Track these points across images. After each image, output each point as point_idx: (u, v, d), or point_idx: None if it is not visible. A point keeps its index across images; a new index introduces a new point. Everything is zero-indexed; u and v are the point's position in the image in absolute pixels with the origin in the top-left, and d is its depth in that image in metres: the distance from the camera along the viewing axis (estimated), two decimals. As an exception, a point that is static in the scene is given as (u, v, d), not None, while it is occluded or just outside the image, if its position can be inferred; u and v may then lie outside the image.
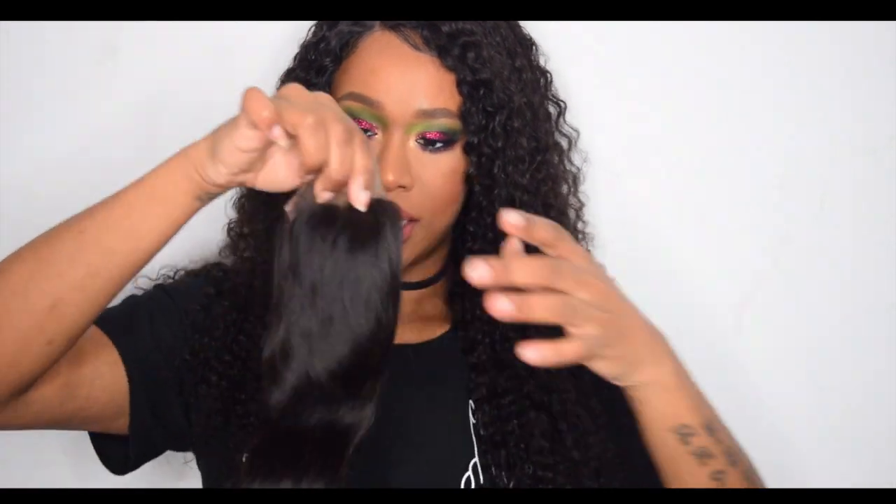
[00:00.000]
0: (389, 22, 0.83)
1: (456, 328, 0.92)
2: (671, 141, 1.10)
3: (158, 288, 0.94)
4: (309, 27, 0.90)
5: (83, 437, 0.91)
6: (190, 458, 0.96)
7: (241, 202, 0.97)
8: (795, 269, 1.12)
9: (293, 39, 0.93)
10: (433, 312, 0.94)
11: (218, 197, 0.74)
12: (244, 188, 0.95)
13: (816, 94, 1.09)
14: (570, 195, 0.98)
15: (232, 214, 1.00)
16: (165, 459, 0.99)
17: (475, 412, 0.88)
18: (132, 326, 0.87)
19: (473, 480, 0.86)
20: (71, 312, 0.72)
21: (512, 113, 0.83)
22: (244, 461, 0.71)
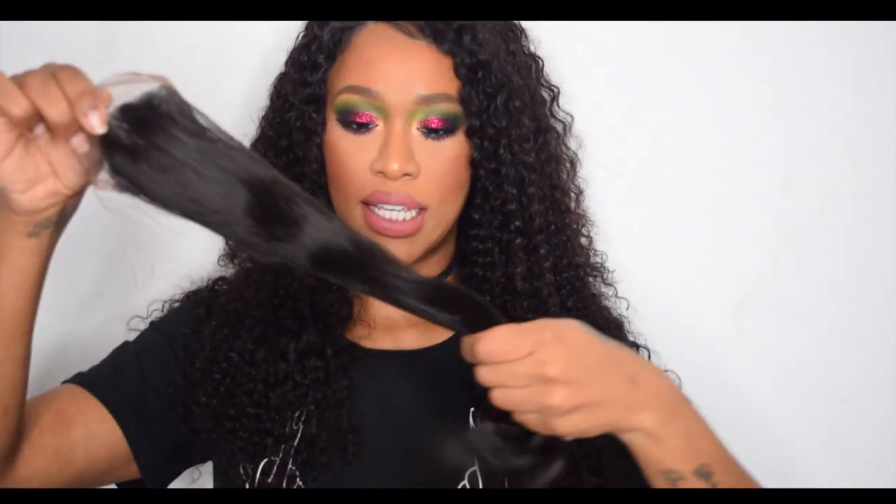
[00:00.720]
0: None
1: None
2: (671, 141, 1.10)
3: (149, 326, 0.95)
4: (297, 34, 0.90)
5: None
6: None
7: None
8: (795, 269, 1.11)
9: (290, 37, 0.93)
10: None
11: (61, 223, 0.68)
12: None
13: (817, 94, 1.09)
14: (569, 180, 0.98)
15: None
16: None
17: (475, 416, 0.87)
18: (118, 374, 0.88)
19: (470, 488, 0.85)
20: None
21: (512, 92, 0.83)
22: None
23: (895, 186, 1.10)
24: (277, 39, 0.99)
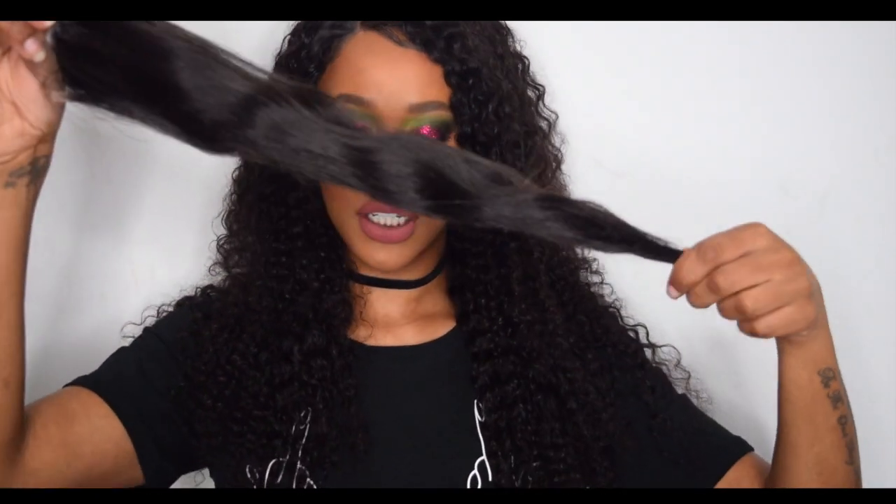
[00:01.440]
0: (370, 22, 0.82)
1: (460, 322, 0.92)
2: (671, 141, 1.10)
3: (145, 331, 0.95)
4: (283, 38, 0.90)
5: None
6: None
7: (229, 218, 0.98)
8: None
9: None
10: (434, 310, 0.94)
11: (35, 174, 0.68)
12: (231, 201, 0.96)
13: (817, 94, 1.09)
14: (552, 178, 0.99)
15: (220, 231, 1.00)
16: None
17: (480, 408, 0.88)
18: (120, 375, 0.89)
19: (480, 479, 0.86)
20: None
21: (502, 99, 0.84)
22: None
23: (895, 186, 1.10)
24: (275, 39, 0.99)
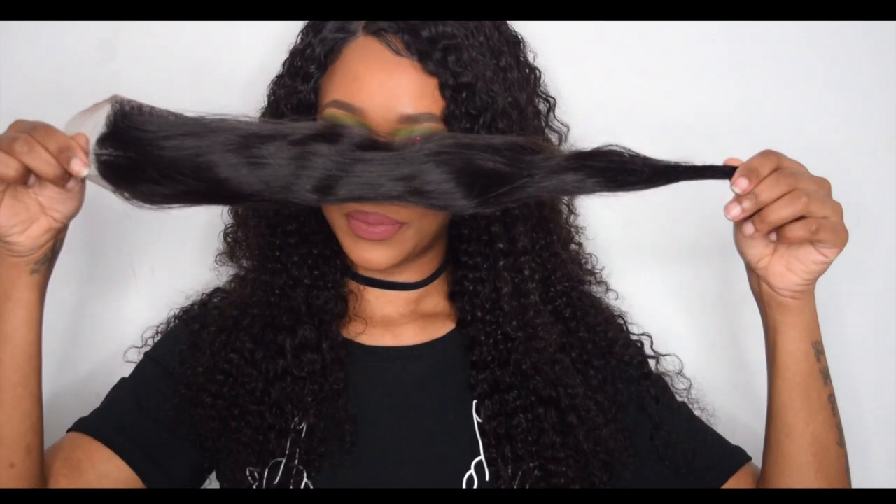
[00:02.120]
0: (372, 27, 0.82)
1: (460, 326, 0.93)
2: (670, 140, 1.10)
3: (145, 357, 0.96)
4: (298, 33, 0.90)
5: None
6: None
7: (232, 209, 0.98)
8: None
9: (290, 37, 0.93)
10: (434, 311, 0.94)
11: (54, 256, 0.79)
12: None
13: (816, 94, 1.09)
14: None
15: (228, 220, 1.01)
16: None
17: (479, 410, 0.88)
18: (119, 414, 0.90)
19: (476, 479, 0.86)
20: (6, 430, 0.78)
21: (496, 115, 0.83)
22: None
23: (895, 186, 1.10)
24: (276, 40, 0.99)
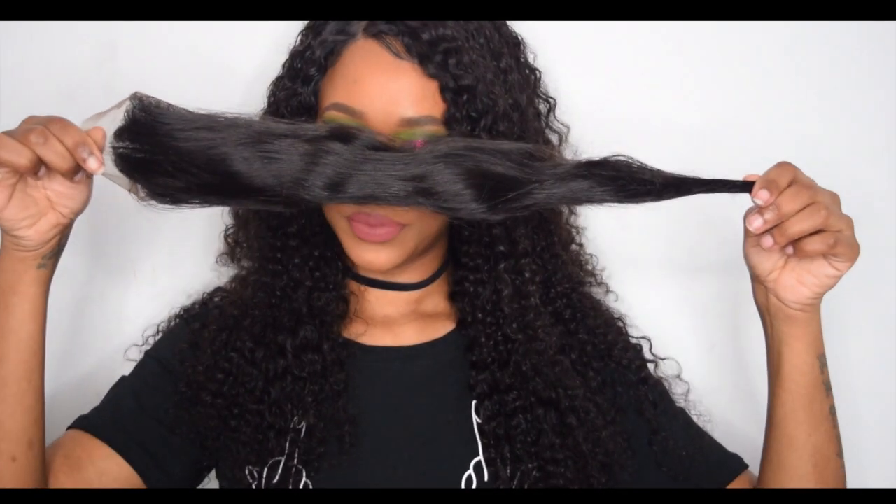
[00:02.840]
0: (372, 29, 0.82)
1: (460, 326, 0.93)
2: (669, 140, 1.10)
3: (145, 355, 0.96)
4: (297, 34, 0.90)
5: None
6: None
7: (233, 211, 0.98)
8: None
9: (290, 38, 0.93)
10: (435, 311, 0.94)
11: (59, 251, 0.79)
12: None
13: (816, 94, 1.09)
14: None
15: (228, 220, 1.01)
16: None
17: (478, 410, 0.88)
18: (119, 412, 0.90)
19: (475, 478, 0.86)
20: (9, 423, 0.78)
21: (497, 117, 0.82)
22: None
23: (894, 186, 1.10)
24: (276, 40, 0.99)
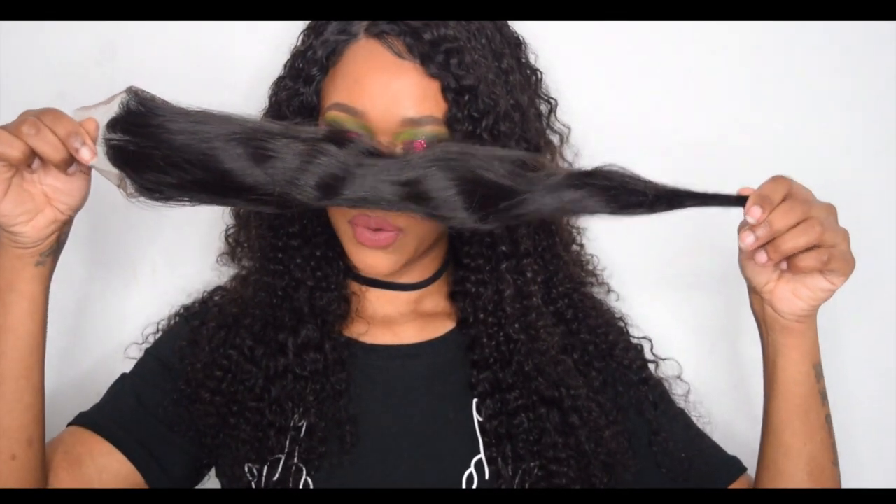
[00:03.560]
0: (374, 29, 0.82)
1: (460, 325, 0.93)
2: (669, 140, 1.10)
3: (145, 353, 0.96)
4: (299, 34, 0.90)
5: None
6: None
7: (234, 210, 0.98)
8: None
9: (290, 38, 0.93)
10: (435, 310, 0.94)
11: (59, 248, 0.78)
12: None
13: (816, 94, 1.09)
14: None
15: (229, 220, 1.01)
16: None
17: (479, 408, 0.88)
18: (120, 409, 0.90)
19: (476, 477, 0.86)
20: (7, 420, 0.78)
21: (498, 117, 0.82)
22: None
23: (895, 186, 1.10)
24: (276, 40, 0.99)
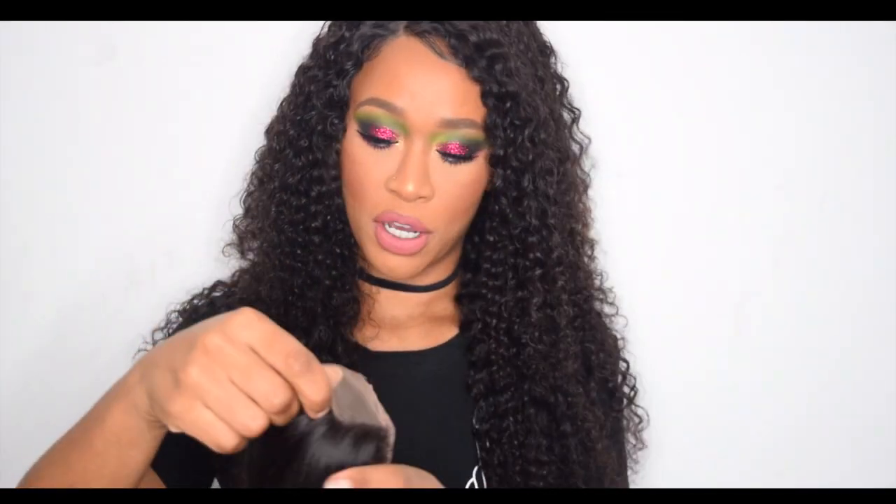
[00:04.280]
0: (415, 28, 0.81)
1: (463, 329, 0.92)
2: (670, 142, 1.10)
3: None
4: (324, 24, 0.89)
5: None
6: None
7: (247, 199, 0.97)
8: (795, 269, 1.12)
9: (296, 40, 0.92)
10: (443, 314, 0.94)
11: None
12: (251, 182, 0.96)
13: (817, 94, 1.09)
14: (578, 201, 0.98)
15: (237, 211, 1.00)
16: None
17: (475, 412, 0.88)
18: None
19: (477, 486, 0.85)
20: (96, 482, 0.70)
21: (539, 125, 0.82)
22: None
23: (894, 186, 1.10)
24: (276, 40, 1.00)
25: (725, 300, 1.12)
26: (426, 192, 0.81)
